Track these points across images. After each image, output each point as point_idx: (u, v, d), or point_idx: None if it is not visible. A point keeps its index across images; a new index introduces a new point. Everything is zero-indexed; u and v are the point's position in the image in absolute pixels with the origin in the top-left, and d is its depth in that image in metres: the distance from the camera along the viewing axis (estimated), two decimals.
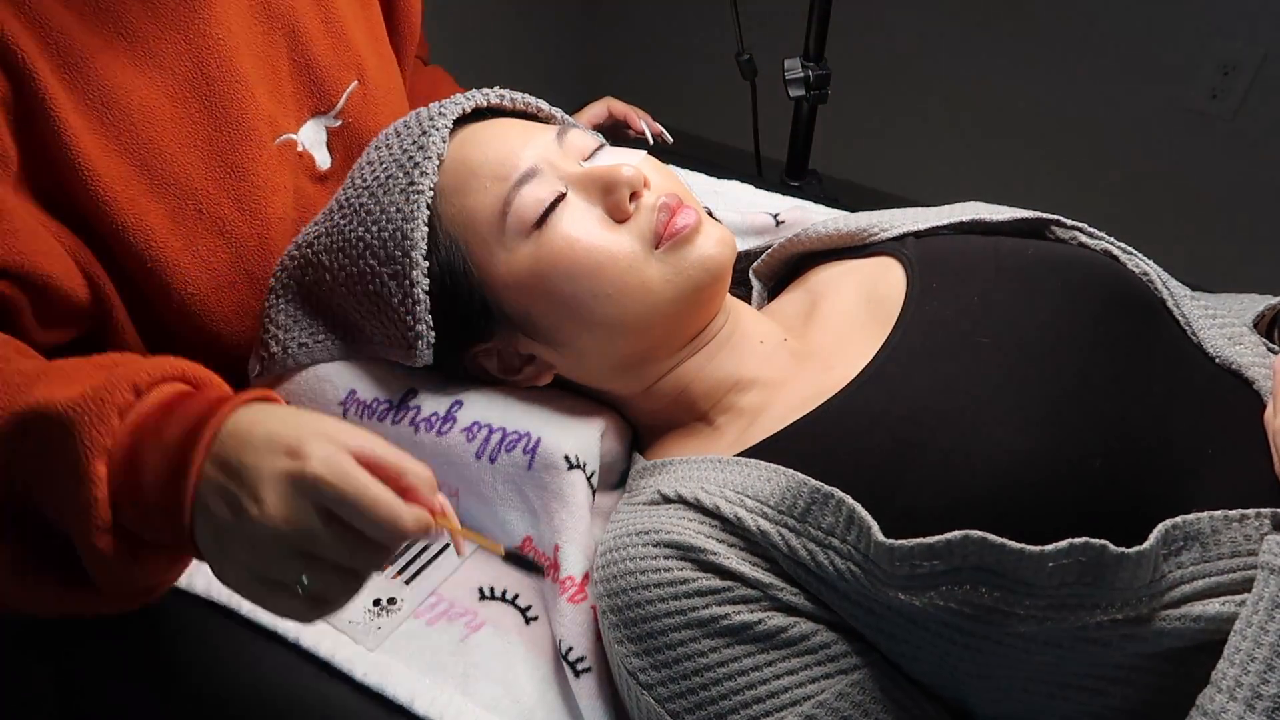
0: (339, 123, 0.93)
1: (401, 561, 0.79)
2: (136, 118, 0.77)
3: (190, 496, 0.56)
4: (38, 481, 0.58)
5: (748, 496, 0.66)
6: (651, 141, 1.21)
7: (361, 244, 0.77)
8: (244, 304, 0.86)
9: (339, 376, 0.82)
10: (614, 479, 0.83)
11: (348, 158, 0.94)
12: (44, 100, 0.72)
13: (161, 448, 0.57)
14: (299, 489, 0.53)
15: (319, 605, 0.56)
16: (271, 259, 0.86)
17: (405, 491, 0.56)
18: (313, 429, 0.56)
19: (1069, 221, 0.82)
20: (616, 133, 1.24)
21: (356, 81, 0.93)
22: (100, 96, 0.76)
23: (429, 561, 0.80)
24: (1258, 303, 0.81)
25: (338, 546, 0.53)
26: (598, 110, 1.22)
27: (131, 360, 0.61)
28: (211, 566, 0.58)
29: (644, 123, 1.22)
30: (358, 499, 0.52)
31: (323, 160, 0.93)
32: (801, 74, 1.41)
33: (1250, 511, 0.61)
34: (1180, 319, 0.75)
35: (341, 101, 0.92)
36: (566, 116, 0.89)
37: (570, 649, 0.71)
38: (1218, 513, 0.61)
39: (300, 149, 0.90)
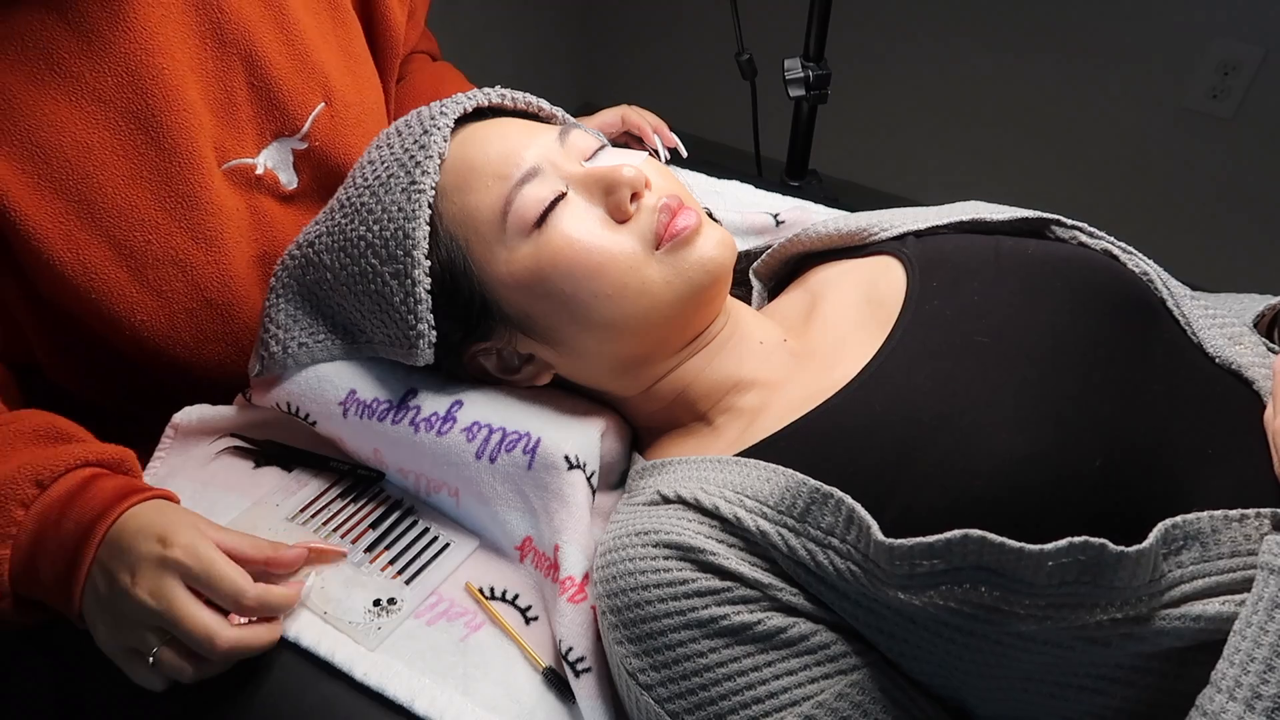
0: (305, 145, 0.92)
1: (401, 562, 0.79)
2: (70, 154, 0.77)
3: (80, 587, 0.68)
4: None
5: (747, 496, 0.66)
6: (666, 157, 1.16)
7: (363, 243, 0.77)
8: (204, 329, 0.86)
9: (339, 376, 0.82)
10: (614, 479, 0.83)
11: (316, 178, 0.94)
12: None
13: (59, 541, 0.69)
14: (164, 567, 0.66)
15: (168, 679, 0.69)
16: (232, 284, 0.86)
17: (270, 576, 0.73)
18: (183, 521, 0.69)
19: (1069, 221, 0.82)
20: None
21: (323, 104, 0.92)
22: (26, 136, 0.75)
23: (429, 561, 0.80)
24: (1258, 302, 0.81)
25: (184, 629, 0.66)
26: (610, 118, 1.18)
27: (43, 449, 0.73)
28: (94, 635, 0.69)
29: (658, 137, 1.17)
30: (209, 574, 0.67)
31: (289, 180, 0.92)
32: (801, 74, 1.41)
33: (1250, 511, 0.61)
34: (1180, 319, 0.75)
35: (307, 125, 0.91)
36: (568, 116, 0.89)
37: (570, 649, 0.71)
38: (1217, 512, 0.61)
39: (260, 171, 0.89)
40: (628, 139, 1.19)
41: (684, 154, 1.18)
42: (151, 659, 0.67)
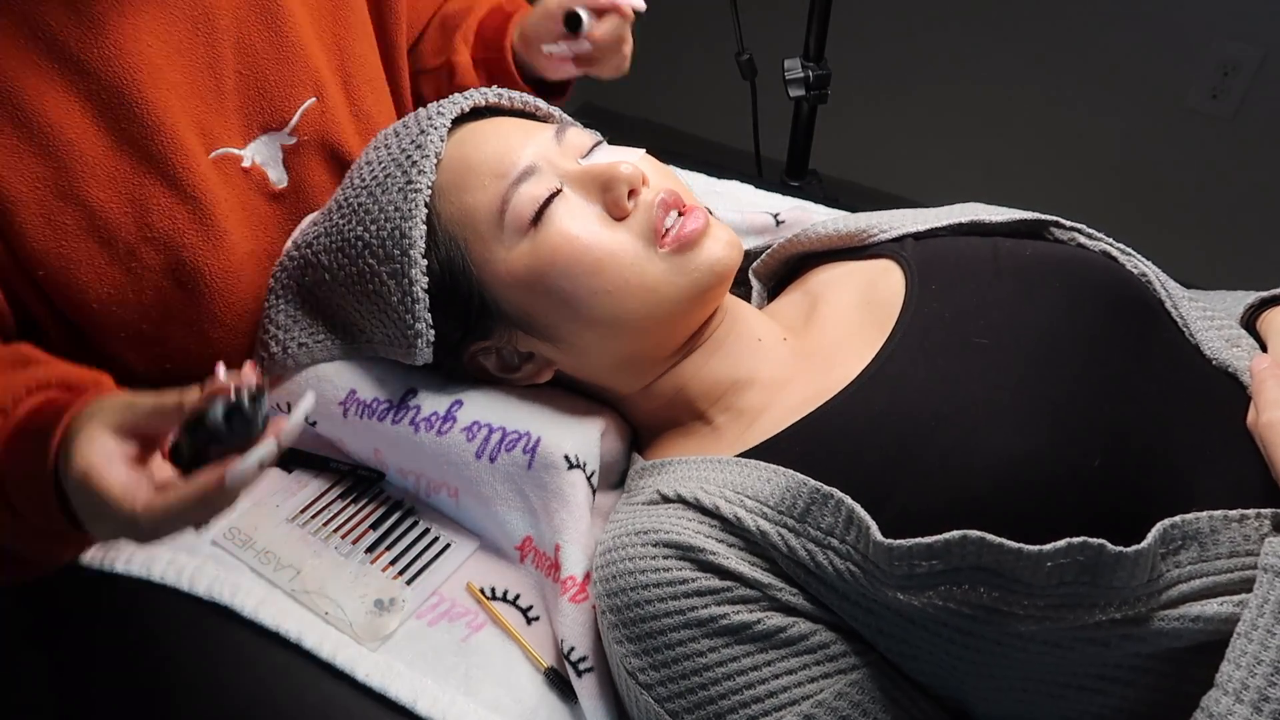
0: (294, 140, 0.90)
1: (403, 562, 0.79)
2: (54, 117, 0.76)
3: (60, 510, 0.64)
4: None
5: (747, 497, 0.66)
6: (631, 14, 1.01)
7: (360, 243, 0.77)
8: (173, 311, 0.83)
9: (339, 376, 0.82)
10: (614, 479, 0.83)
11: (305, 177, 0.92)
12: None
13: (23, 467, 0.65)
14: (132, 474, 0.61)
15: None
16: (213, 271, 0.84)
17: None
18: (83, 442, 0.61)
19: (1068, 222, 0.82)
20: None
21: (314, 99, 0.91)
22: (7, 98, 0.75)
23: (430, 562, 0.80)
24: (1250, 299, 0.80)
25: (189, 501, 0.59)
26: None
27: (7, 375, 0.70)
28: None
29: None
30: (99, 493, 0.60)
31: (278, 178, 0.90)
32: (801, 74, 1.42)
33: (1250, 512, 0.61)
34: (1178, 320, 0.75)
35: (295, 119, 0.90)
36: (564, 115, 0.89)
37: (572, 649, 0.71)
38: (1216, 513, 0.61)
39: (248, 164, 0.88)
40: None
41: (641, 8, 1.01)
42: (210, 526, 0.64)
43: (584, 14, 0.96)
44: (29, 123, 0.76)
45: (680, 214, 0.75)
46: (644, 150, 0.79)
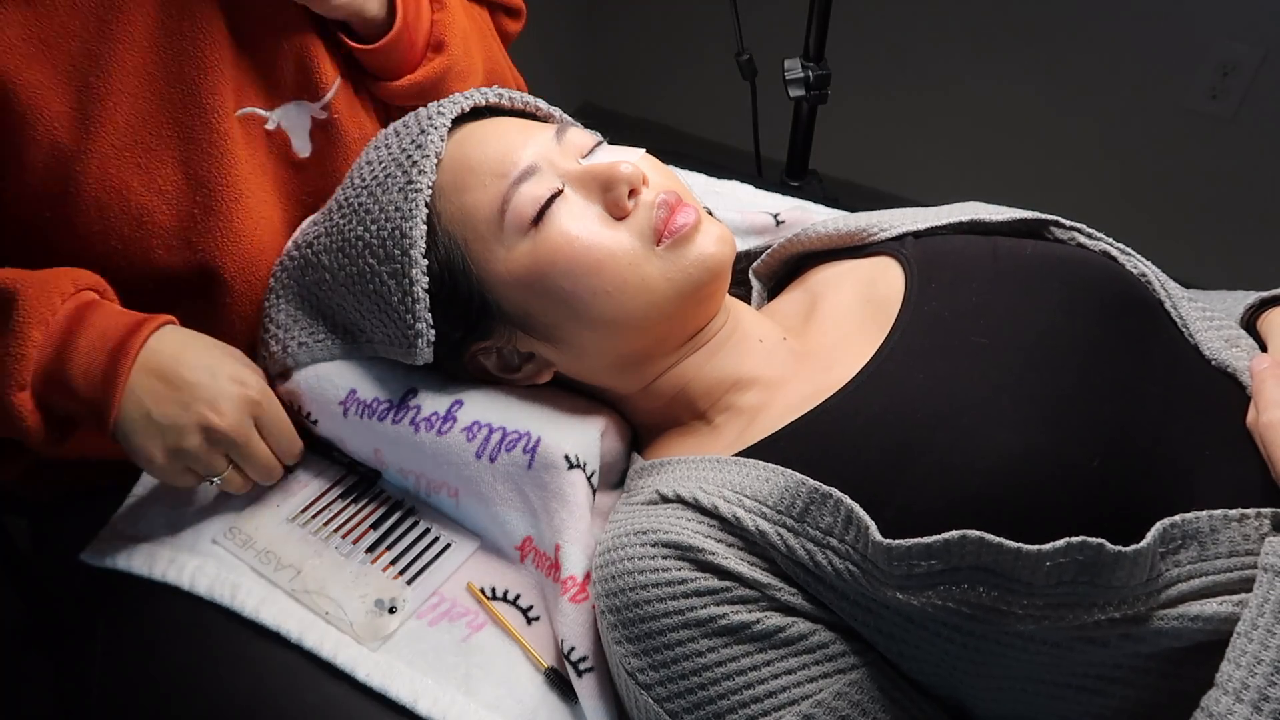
0: (325, 115, 0.91)
1: (403, 562, 0.79)
2: (91, 62, 0.76)
3: (120, 395, 0.73)
4: None
5: (746, 496, 0.66)
6: None
7: (360, 243, 0.77)
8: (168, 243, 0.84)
9: (339, 376, 0.82)
10: (614, 479, 0.83)
11: (327, 151, 0.92)
12: None
13: (89, 347, 0.73)
14: (247, 406, 0.77)
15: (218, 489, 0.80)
16: (241, 228, 0.85)
17: None
18: (237, 362, 0.80)
19: (1067, 222, 0.82)
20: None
21: (340, 80, 0.91)
22: (44, 34, 0.75)
23: (430, 561, 0.80)
24: (1250, 299, 0.80)
25: (257, 462, 0.79)
26: None
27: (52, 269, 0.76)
28: (127, 445, 0.75)
29: None
30: (277, 427, 0.81)
31: (301, 147, 0.90)
32: (801, 74, 1.41)
33: (1250, 511, 0.61)
34: (1178, 320, 0.75)
35: (330, 94, 0.90)
36: (565, 115, 0.89)
37: (573, 649, 0.71)
38: (1216, 512, 0.61)
39: (271, 126, 0.88)
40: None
41: None
42: (217, 480, 0.79)
43: None
44: (60, 59, 0.76)
45: (673, 209, 0.75)
46: (644, 150, 0.79)
